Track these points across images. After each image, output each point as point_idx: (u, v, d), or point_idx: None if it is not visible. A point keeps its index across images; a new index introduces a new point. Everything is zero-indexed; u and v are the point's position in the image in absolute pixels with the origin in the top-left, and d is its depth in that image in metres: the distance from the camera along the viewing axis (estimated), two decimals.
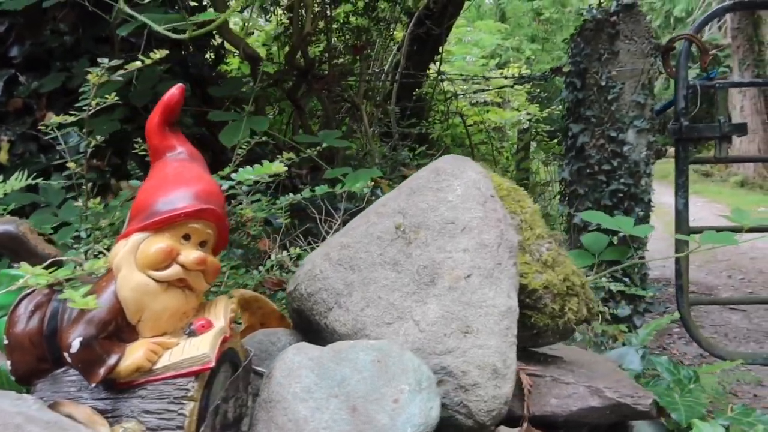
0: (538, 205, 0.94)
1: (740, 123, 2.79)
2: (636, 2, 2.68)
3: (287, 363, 0.69)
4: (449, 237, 0.77)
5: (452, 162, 0.86)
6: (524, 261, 0.85)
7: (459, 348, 0.70)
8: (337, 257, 0.82)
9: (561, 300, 0.84)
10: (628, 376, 0.92)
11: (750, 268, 7.23)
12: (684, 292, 2.79)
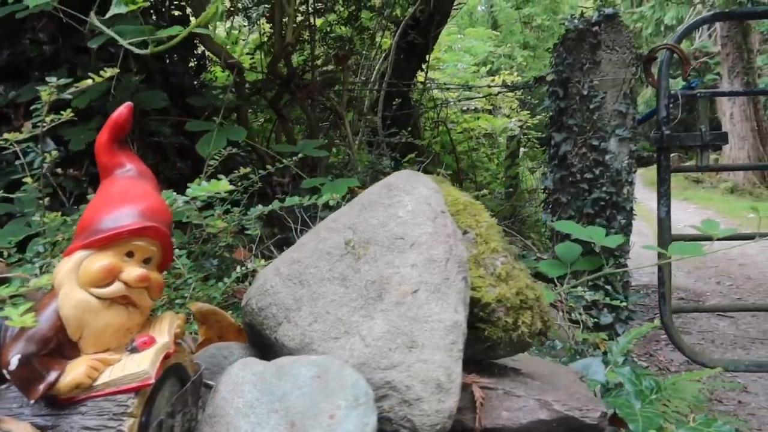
0: (494, 219, 0.95)
1: (721, 132, 2.81)
2: (617, 13, 2.70)
3: (232, 378, 0.70)
4: (398, 252, 0.78)
5: (405, 178, 0.86)
6: (478, 275, 0.85)
7: (404, 363, 0.70)
8: (287, 272, 0.82)
9: (514, 313, 0.85)
10: (588, 387, 0.92)
11: (738, 275, 7.27)
12: (666, 299, 2.80)
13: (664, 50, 2.84)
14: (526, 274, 0.90)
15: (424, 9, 3.77)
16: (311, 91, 2.43)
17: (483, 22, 16.44)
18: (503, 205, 4.04)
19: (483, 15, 17.17)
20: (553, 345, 2.21)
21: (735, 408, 3.63)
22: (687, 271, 7.61)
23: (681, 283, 7.06)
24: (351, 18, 2.85)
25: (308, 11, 2.66)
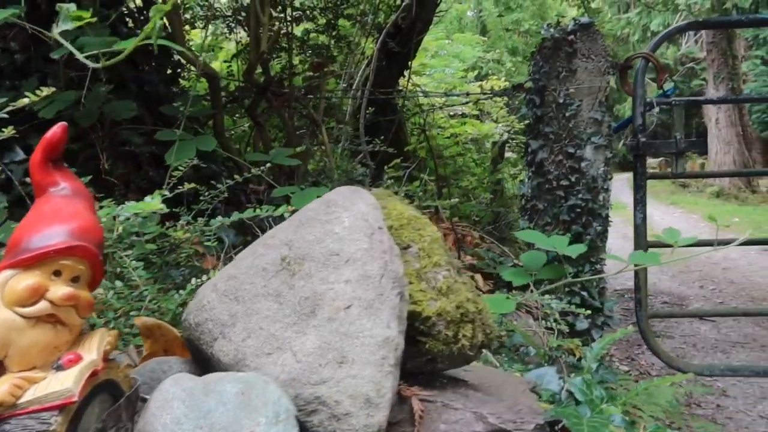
0: (440, 233, 0.96)
1: (697, 140, 2.85)
2: (593, 22, 2.73)
3: (163, 393, 0.71)
4: (333, 268, 0.79)
5: (344, 194, 0.87)
6: (420, 289, 0.86)
7: (333, 378, 0.71)
8: (224, 288, 0.83)
9: (455, 326, 0.86)
10: (537, 398, 0.94)
11: (721, 279, 7.35)
12: (643, 305, 2.83)
13: (640, 59, 2.88)
14: (469, 288, 0.91)
15: (406, 16, 3.80)
16: (287, 98, 2.44)
17: (472, 27, 16.51)
18: (485, 210, 4.06)
19: (472, 20, 17.25)
20: (527, 351, 2.22)
21: (713, 412, 3.67)
22: (672, 275, 7.68)
23: (665, 287, 7.13)
24: (328, 26, 2.87)
25: (286, 19, 2.68)
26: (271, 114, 2.64)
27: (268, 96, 2.38)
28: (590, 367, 2.31)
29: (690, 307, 6.18)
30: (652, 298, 6.65)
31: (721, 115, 14.57)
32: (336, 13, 2.84)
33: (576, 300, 2.65)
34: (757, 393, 3.82)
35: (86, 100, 1.64)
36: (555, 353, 2.25)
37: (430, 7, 3.93)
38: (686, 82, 20.42)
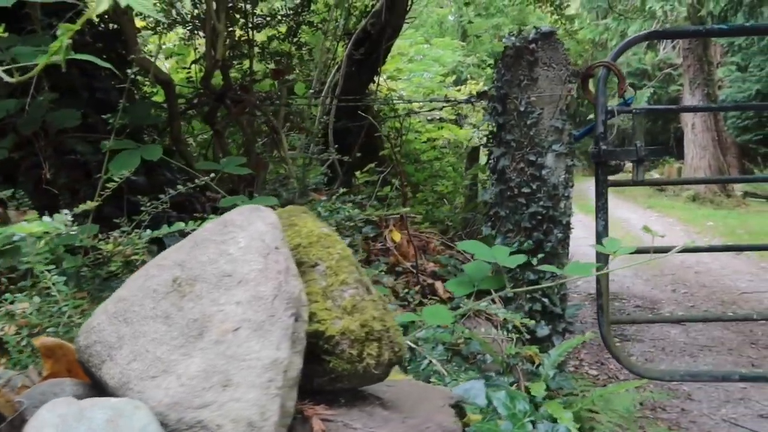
0: (350, 250, 0.96)
1: (657, 147, 2.89)
2: (554, 30, 2.76)
3: (38, 419, 0.69)
4: (225, 290, 0.79)
5: (243, 214, 0.87)
6: (325, 307, 0.86)
7: (216, 402, 0.71)
8: (114, 310, 0.82)
9: (359, 345, 0.86)
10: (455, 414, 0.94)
11: (694, 282, 7.46)
12: (604, 311, 2.85)
13: (601, 67, 2.92)
14: (376, 306, 0.91)
15: (375, 22, 3.80)
16: (246, 106, 2.43)
17: (453, 31, 16.60)
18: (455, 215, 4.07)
19: (453, 25, 17.33)
20: (484, 359, 2.23)
21: (678, 416, 3.72)
22: (646, 279, 7.78)
23: (639, 290, 7.22)
24: (290, 33, 2.87)
25: (247, 26, 2.67)
26: (230, 121, 2.63)
27: (226, 103, 2.37)
28: (547, 375, 2.33)
29: (662, 311, 6.26)
30: (626, 302, 6.74)
31: (697, 120, 14.81)
32: (298, 21, 2.84)
33: (537, 306, 2.66)
34: (721, 397, 3.88)
35: (30, 107, 1.61)
36: (512, 361, 2.27)
37: (400, 13, 3.94)
38: (664, 88, 20.73)
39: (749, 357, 4.71)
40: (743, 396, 3.85)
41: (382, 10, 3.82)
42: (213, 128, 2.46)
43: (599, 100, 2.84)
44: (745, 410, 3.67)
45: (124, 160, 1.61)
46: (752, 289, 7.03)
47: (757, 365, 4.51)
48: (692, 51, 14.87)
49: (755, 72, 16.29)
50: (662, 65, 20.53)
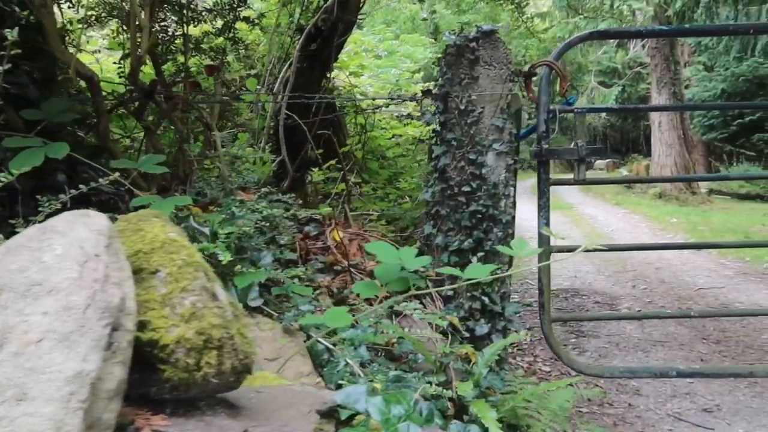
0: (199, 256, 0.94)
1: (597, 147, 2.91)
2: (495, 29, 2.76)
3: None
4: (33, 299, 0.76)
5: (67, 219, 0.84)
6: (162, 315, 0.84)
7: (8, 416, 0.68)
8: None
9: (197, 354, 0.84)
10: (318, 421, 0.93)
11: (654, 278, 7.58)
12: (546, 309, 2.88)
13: (544, 67, 2.93)
14: (221, 313, 0.89)
15: (326, 18, 3.77)
16: (178, 102, 2.38)
17: (425, 28, 16.61)
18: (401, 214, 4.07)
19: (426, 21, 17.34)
20: (416, 359, 2.23)
21: (624, 411, 3.77)
22: (608, 275, 7.89)
23: (600, 287, 7.31)
24: (225, 29, 2.82)
25: (182, 21, 2.62)
26: (163, 118, 2.57)
27: (156, 99, 2.32)
28: (480, 373, 2.34)
29: (620, 307, 6.36)
30: (586, 298, 6.81)
31: (664, 118, 15.07)
32: (234, 16, 2.80)
33: (477, 305, 2.67)
34: (668, 391, 3.94)
35: None
36: (444, 360, 2.26)
37: (353, 10, 3.91)
38: (634, 86, 21.05)
39: (699, 352, 4.79)
40: (689, 391, 3.92)
41: (334, 6, 3.79)
42: (143, 125, 2.40)
43: (541, 100, 2.86)
44: (690, 405, 3.73)
45: (26, 158, 1.57)
46: (709, 285, 7.17)
47: (706, 360, 4.59)
48: (659, 50, 15.11)
49: (721, 71, 16.61)
50: (632, 64, 20.83)
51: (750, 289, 6.90)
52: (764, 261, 8.19)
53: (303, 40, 3.80)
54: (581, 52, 17.15)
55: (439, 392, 2.03)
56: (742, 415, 3.56)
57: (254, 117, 3.73)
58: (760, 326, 5.40)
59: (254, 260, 1.89)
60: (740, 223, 11.17)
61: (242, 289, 1.72)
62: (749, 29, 2.91)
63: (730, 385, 4.03)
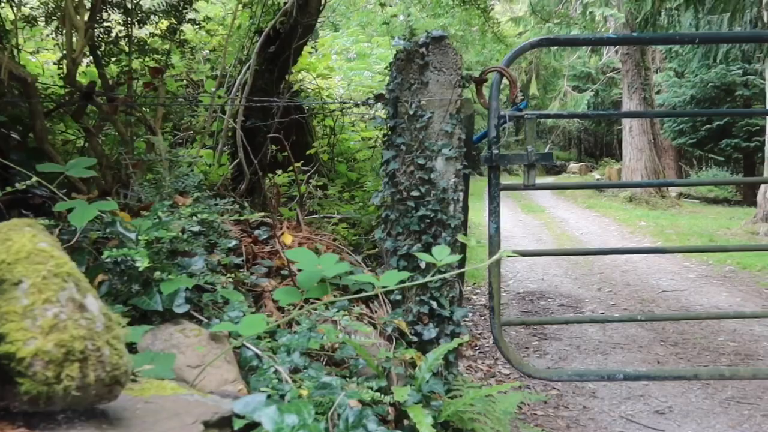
0: (70, 266, 0.92)
1: (547, 153, 2.94)
2: (445, 35, 2.77)
3: None
4: None
5: None
6: (21, 327, 0.83)
7: None
8: None
9: (56, 367, 0.83)
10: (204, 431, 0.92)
11: (619, 281, 7.69)
12: (496, 313, 2.90)
13: (495, 73, 2.95)
14: (88, 325, 0.88)
15: (285, 21, 3.76)
16: (120, 104, 2.35)
17: (400, 31, 16.65)
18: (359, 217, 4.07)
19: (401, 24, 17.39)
20: (356, 364, 2.23)
21: (578, 413, 3.81)
22: (575, 277, 7.98)
23: (566, 289, 7.39)
24: (170, 31, 2.79)
25: (127, 22, 2.58)
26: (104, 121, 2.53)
27: (96, 101, 2.28)
28: (423, 378, 2.34)
29: (584, 309, 6.43)
30: (551, 301, 6.89)
31: (635, 123, 15.32)
32: (180, 18, 2.77)
33: (424, 309, 2.68)
34: (623, 393, 4.00)
35: None
36: (385, 365, 2.27)
37: (312, 13, 3.90)
38: (607, 91, 21.38)
39: (657, 354, 4.88)
40: (644, 393, 3.99)
41: (293, 9, 3.78)
42: (82, 127, 2.36)
43: (492, 105, 2.88)
44: (643, 407, 3.79)
45: None
46: (672, 288, 7.30)
47: (662, 362, 4.67)
48: (631, 56, 15.36)
49: (690, 78, 16.96)
50: (605, 69, 21.15)
51: (711, 291, 7.04)
52: (726, 264, 8.36)
53: (261, 43, 3.78)
54: (555, 56, 17.37)
55: (378, 398, 2.03)
56: (692, 416, 3.63)
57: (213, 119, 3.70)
58: (717, 328, 5.51)
59: (185, 265, 1.87)
60: (706, 226, 11.40)
61: (168, 296, 1.70)
62: (695, 38, 2.97)
63: (684, 387, 4.11)
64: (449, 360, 2.71)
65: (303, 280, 1.60)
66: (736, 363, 4.60)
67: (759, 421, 3.49)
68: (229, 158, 3.87)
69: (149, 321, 1.67)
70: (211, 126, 3.85)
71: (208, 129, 3.12)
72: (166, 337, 1.55)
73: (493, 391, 2.31)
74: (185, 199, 2.19)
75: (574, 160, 26.71)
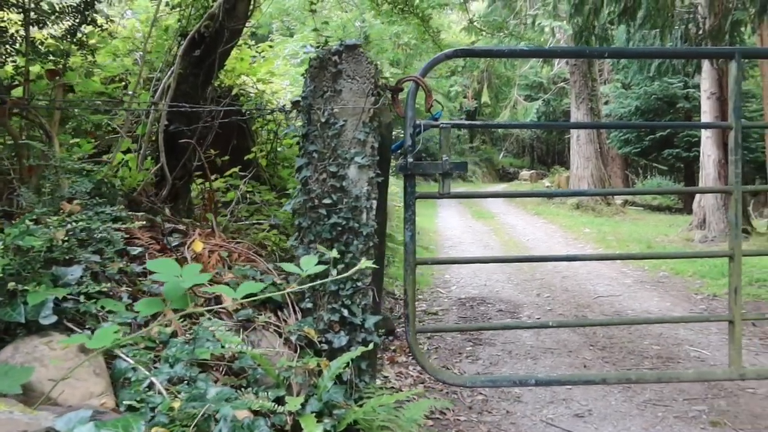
0: None
1: (461, 162, 2.98)
2: (359, 44, 2.79)
3: None
4: None
5: None
6: None
7: None
8: None
9: None
10: None
11: (558, 287, 7.86)
12: (410, 321, 2.91)
13: (410, 82, 2.98)
14: None
15: (210, 25, 3.71)
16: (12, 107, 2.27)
17: (355, 36, 16.69)
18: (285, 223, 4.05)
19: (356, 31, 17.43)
20: (255, 373, 2.20)
21: (501, 418, 3.87)
22: (516, 283, 8.13)
23: (506, 295, 7.52)
24: (70, 32, 2.72)
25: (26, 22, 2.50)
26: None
27: None
28: (325, 386, 2.34)
29: (521, 315, 6.55)
30: (491, 306, 6.99)
31: (582, 132, 15.75)
32: (83, 19, 2.70)
33: (335, 317, 2.67)
34: (547, 398, 4.08)
35: None
36: (285, 374, 2.25)
37: (240, 18, 3.87)
38: (558, 100, 21.93)
39: (584, 358, 5.00)
40: (567, 397, 4.08)
41: (219, 12, 3.74)
42: None
43: (407, 114, 2.91)
44: (564, 410, 3.88)
45: None
46: (608, 293, 7.51)
47: (589, 366, 4.80)
48: (578, 67, 15.81)
49: (636, 90, 17.56)
50: (557, 79, 21.68)
51: (644, 296, 7.28)
52: (661, 270, 8.67)
53: (186, 46, 3.72)
54: (506, 66, 17.72)
55: (273, 407, 2.02)
56: (610, 419, 3.73)
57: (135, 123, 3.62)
58: (644, 332, 5.69)
59: (60, 275, 1.81)
60: (646, 233, 11.80)
61: (33, 307, 1.64)
62: (604, 53, 3.10)
63: (605, 390, 4.22)
64: (361, 367, 2.71)
65: (168, 291, 1.58)
66: (657, 366, 4.76)
67: (671, 423, 3.62)
68: (153, 163, 3.80)
69: (14, 333, 1.60)
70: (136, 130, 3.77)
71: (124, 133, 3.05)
72: (29, 350, 1.50)
73: (400, 398, 2.32)
74: (72, 206, 2.12)
75: (526, 167, 27.31)
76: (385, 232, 3.02)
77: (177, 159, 3.80)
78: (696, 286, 7.73)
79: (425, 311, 6.61)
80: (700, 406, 3.79)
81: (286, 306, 2.68)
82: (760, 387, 4.09)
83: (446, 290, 7.78)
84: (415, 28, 16.86)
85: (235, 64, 6.07)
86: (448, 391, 4.13)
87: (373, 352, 2.89)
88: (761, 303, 6.88)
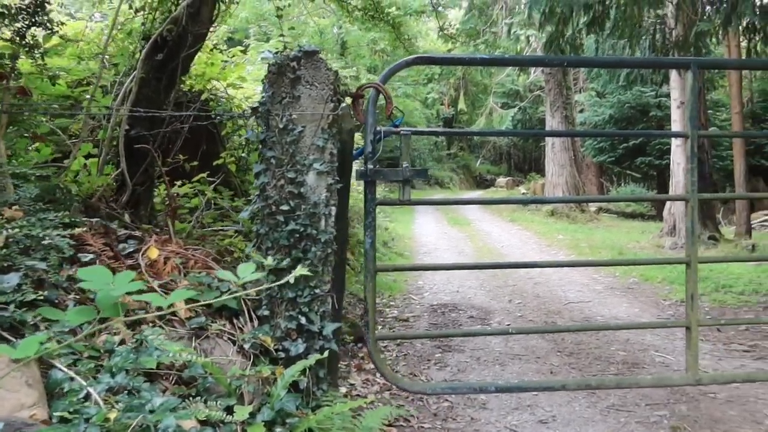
0: None
1: (422, 169, 2.99)
2: (318, 50, 2.78)
3: None
4: None
5: None
6: None
7: None
8: None
9: None
10: None
11: (530, 293, 7.91)
12: (371, 328, 2.90)
13: (371, 89, 2.98)
14: None
15: (172, 29, 3.67)
16: None
17: (332, 42, 16.70)
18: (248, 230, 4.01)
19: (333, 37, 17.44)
20: (205, 382, 2.17)
21: (465, 425, 3.86)
22: (488, 290, 8.16)
23: (479, 302, 7.54)
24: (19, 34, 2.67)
25: None
26: None
27: None
28: (278, 395, 2.31)
29: (491, 321, 6.58)
30: (462, 313, 7.00)
31: (557, 140, 15.95)
32: (32, 21, 2.65)
33: (292, 325, 2.65)
34: (512, 404, 4.09)
35: None
36: (236, 383, 2.22)
37: (204, 22, 3.83)
38: (534, 108, 22.17)
39: (552, 364, 5.03)
40: (532, 403, 4.09)
41: (182, 17, 3.70)
42: None
43: (368, 121, 2.90)
44: (529, 417, 3.88)
45: None
46: (578, 300, 7.58)
47: (555, 372, 4.82)
48: (553, 76, 16.02)
49: (609, 98, 17.83)
50: (533, 87, 21.92)
51: (614, 303, 7.36)
52: (631, 276, 8.78)
53: (148, 49, 3.67)
54: (482, 74, 17.88)
55: (221, 417, 1.98)
56: (573, 425, 3.75)
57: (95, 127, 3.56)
58: (612, 338, 5.75)
59: None
60: (618, 240, 11.95)
61: None
62: (563, 62, 3.13)
63: (570, 396, 4.24)
64: (319, 375, 2.69)
65: (100, 300, 1.54)
66: (623, 372, 4.81)
67: (633, 428, 3.65)
68: (114, 168, 3.74)
69: None
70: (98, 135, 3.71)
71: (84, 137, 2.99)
72: None
73: (354, 405, 2.30)
74: (13, 211, 2.07)
75: (503, 174, 27.55)
76: (347, 239, 3.01)
77: (138, 164, 3.74)
78: (665, 292, 7.84)
79: (396, 318, 6.60)
80: (661, 411, 3.83)
81: (243, 314, 2.65)
82: (721, 392, 4.16)
83: (419, 297, 7.78)
84: (388, 35, 16.96)
85: (205, 68, 6.01)
86: (414, 398, 4.11)
87: (332, 359, 2.87)
88: (726, 309, 7.00)
